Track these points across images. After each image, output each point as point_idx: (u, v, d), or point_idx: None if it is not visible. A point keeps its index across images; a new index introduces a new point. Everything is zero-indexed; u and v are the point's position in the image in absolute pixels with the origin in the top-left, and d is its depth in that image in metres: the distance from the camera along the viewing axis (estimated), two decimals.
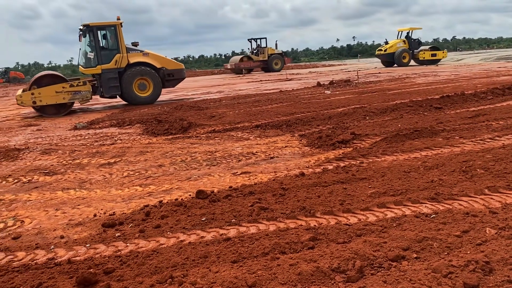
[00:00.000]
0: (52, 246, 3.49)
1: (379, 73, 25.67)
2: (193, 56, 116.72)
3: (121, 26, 14.74)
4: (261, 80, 25.92)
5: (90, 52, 14.72)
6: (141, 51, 15.28)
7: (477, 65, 27.66)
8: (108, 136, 8.90)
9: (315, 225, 3.46)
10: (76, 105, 15.29)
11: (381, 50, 34.19)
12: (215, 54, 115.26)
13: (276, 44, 38.64)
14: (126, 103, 15.79)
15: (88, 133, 9.44)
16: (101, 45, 14.79)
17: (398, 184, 4.32)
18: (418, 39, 33.95)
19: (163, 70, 15.42)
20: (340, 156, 5.79)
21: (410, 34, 33.49)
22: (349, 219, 3.56)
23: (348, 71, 30.46)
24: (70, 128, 10.49)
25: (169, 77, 15.59)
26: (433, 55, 33.33)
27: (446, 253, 2.79)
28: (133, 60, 14.93)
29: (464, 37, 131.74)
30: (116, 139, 8.45)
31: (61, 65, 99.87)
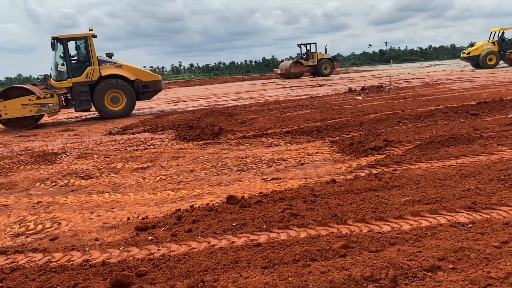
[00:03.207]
0: (87, 248, 3.58)
1: (413, 78, 25.18)
2: (224, 62, 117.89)
3: (94, 37, 14.30)
4: (291, 86, 25.89)
5: (61, 65, 14.35)
6: (114, 63, 14.78)
7: None
8: (141, 141, 9.09)
9: (347, 233, 3.41)
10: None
11: (464, 53, 33.10)
12: (245, 61, 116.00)
13: (325, 49, 38.79)
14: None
15: (122, 138, 9.68)
16: (72, 57, 14.43)
17: (433, 192, 4.21)
18: None
19: (138, 82, 14.86)
20: (373, 163, 5.69)
21: (503, 35, 31.66)
22: (382, 227, 3.49)
23: (380, 77, 30.02)
24: (105, 133, 10.79)
25: (144, 89, 15.04)
26: None
27: (484, 264, 2.69)
28: (105, 72, 14.43)
29: None
30: (149, 144, 8.62)
31: None
